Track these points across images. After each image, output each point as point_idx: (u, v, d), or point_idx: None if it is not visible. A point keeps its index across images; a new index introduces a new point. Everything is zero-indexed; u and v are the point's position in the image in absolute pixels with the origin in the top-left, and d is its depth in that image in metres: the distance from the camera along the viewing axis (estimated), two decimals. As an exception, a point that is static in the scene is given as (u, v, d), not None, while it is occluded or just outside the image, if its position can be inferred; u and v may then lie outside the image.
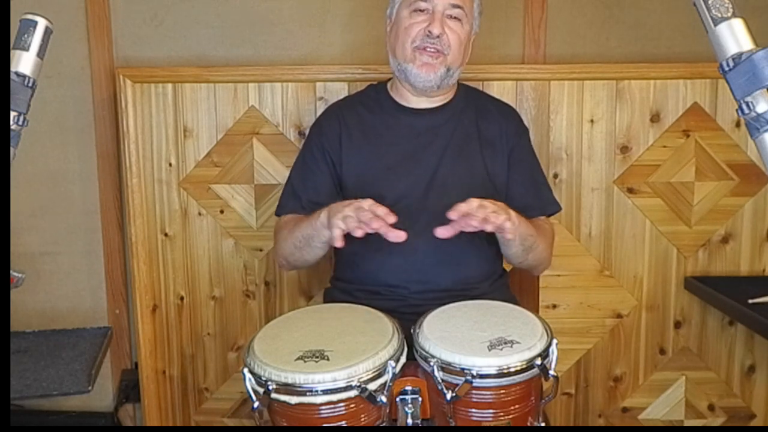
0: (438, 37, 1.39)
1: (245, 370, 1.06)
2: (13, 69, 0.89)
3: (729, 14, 0.82)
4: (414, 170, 1.44)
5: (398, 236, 1.18)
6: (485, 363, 1.05)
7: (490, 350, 1.07)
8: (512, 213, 1.28)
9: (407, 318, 1.22)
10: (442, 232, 1.21)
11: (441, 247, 1.40)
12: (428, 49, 1.40)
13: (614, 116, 1.87)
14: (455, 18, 1.42)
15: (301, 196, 1.49)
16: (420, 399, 1.10)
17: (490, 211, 1.19)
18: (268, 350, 1.09)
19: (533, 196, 1.51)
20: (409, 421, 1.09)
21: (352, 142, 1.48)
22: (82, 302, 1.98)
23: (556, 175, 1.88)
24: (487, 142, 1.49)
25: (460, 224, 1.20)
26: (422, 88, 1.44)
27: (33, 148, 1.90)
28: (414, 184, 1.43)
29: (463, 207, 1.19)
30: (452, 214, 1.19)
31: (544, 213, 1.53)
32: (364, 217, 1.18)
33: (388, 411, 1.08)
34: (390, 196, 1.41)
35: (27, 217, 1.93)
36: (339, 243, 1.20)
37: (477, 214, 1.18)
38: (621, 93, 1.86)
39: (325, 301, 1.53)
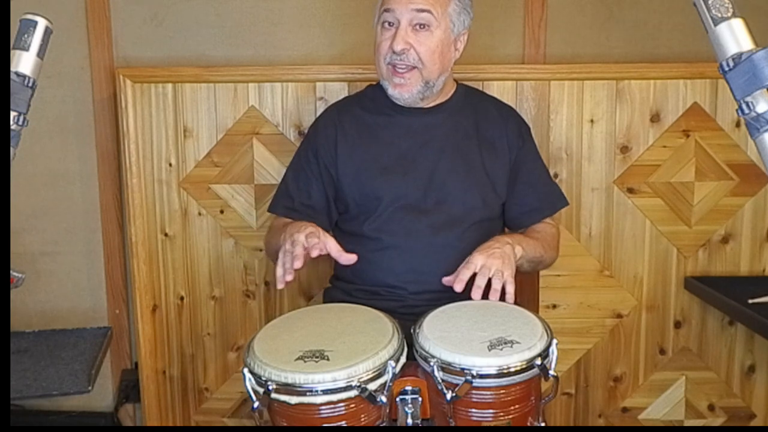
0: (403, 52, 1.37)
1: (245, 370, 1.06)
2: (13, 69, 0.89)
3: (729, 14, 0.82)
4: (411, 170, 1.44)
5: (349, 259, 1.23)
6: (485, 363, 1.05)
7: (490, 350, 1.07)
8: (518, 250, 1.32)
9: (406, 318, 1.23)
10: (448, 280, 1.27)
11: (439, 248, 1.40)
12: (398, 67, 1.38)
13: (614, 116, 1.87)
14: (424, 26, 1.38)
15: (294, 198, 1.50)
16: (420, 399, 1.10)
17: (493, 272, 1.23)
18: (268, 350, 1.09)
19: (542, 199, 1.53)
20: (409, 421, 1.09)
21: (348, 143, 1.48)
22: (82, 302, 1.98)
23: (556, 175, 1.88)
24: (486, 143, 1.48)
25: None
26: (403, 104, 1.45)
27: (33, 148, 1.90)
28: (411, 184, 1.43)
29: (464, 275, 1.23)
30: (457, 286, 1.23)
31: (555, 210, 1.55)
32: (291, 254, 1.19)
33: (388, 411, 1.08)
34: (387, 197, 1.42)
35: (27, 217, 1.92)
36: (280, 284, 1.19)
37: (478, 282, 1.22)
38: (621, 93, 1.86)
39: (325, 301, 1.53)
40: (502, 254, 1.25)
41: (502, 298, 1.23)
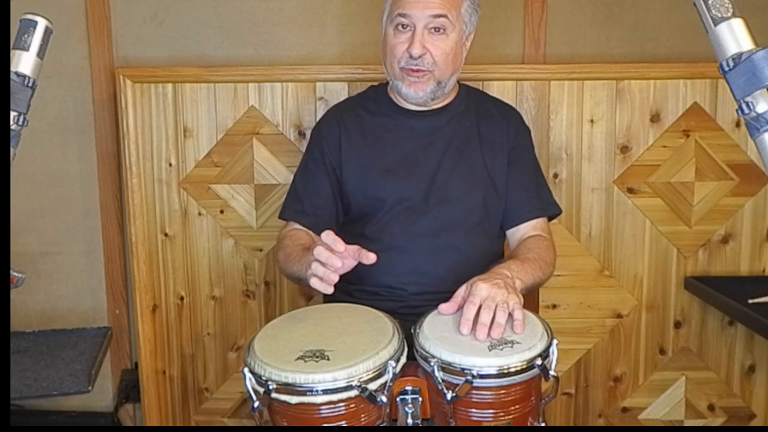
0: (420, 57, 1.36)
1: (245, 370, 1.06)
2: (13, 69, 0.89)
3: (729, 14, 0.82)
4: (414, 172, 1.43)
5: (369, 258, 1.15)
6: (485, 363, 1.05)
7: (490, 350, 1.07)
8: (518, 284, 1.24)
9: (406, 319, 1.22)
10: (446, 308, 1.19)
11: (440, 249, 1.40)
12: (413, 70, 1.38)
13: (614, 116, 1.87)
14: (439, 30, 1.37)
15: (303, 200, 1.49)
16: (420, 399, 1.10)
17: (498, 302, 1.14)
18: (268, 350, 1.09)
19: (534, 197, 1.50)
20: (409, 421, 1.09)
21: (351, 145, 1.48)
22: (82, 302, 1.98)
23: (556, 175, 1.88)
24: (487, 143, 1.48)
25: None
26: (415, 103, 1.44)
27: (33, 148, 1.90)
28: (414, 186, 1.43)
29: (469, 314, 1.13)
30: (463, 328, 1.12)
31: (546, 214, 1.51)
32: (321, 258, 1.14)
33: (388, 411, 1.08)
34: (390, 199, 1.41)
35: (27, 217, 1.93)
36: (330, 290, 1.15)
37: (483, 320, 1.12)
38: (621, 93, 1.86)
39: (325, 302, 1.52)
40: (505, 284, 1.19)
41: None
